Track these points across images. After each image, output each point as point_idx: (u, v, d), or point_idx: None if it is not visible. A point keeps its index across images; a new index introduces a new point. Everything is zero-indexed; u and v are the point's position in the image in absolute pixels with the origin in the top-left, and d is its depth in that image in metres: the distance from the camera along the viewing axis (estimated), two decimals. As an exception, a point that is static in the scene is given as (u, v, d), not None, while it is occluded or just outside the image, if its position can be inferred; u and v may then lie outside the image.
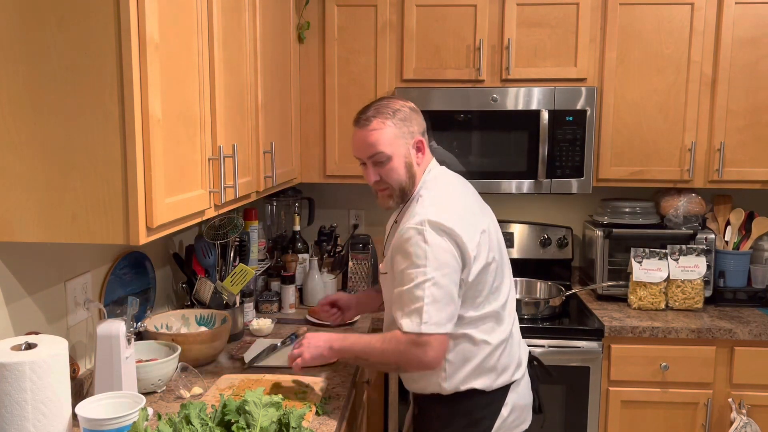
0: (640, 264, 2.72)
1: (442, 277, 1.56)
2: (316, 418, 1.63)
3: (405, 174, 1.71)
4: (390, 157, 1.68)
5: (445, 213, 1.61)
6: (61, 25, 1.24)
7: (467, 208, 1.70)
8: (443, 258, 1.57)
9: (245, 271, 2.24)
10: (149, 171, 1.30)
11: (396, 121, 1.68)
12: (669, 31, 2.67)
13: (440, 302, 1.56)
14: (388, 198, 1.75)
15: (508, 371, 1.74)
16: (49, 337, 1.29)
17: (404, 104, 1.73)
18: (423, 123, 1.76)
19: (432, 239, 1.56)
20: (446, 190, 1.72)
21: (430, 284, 1.55)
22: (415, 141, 1.71)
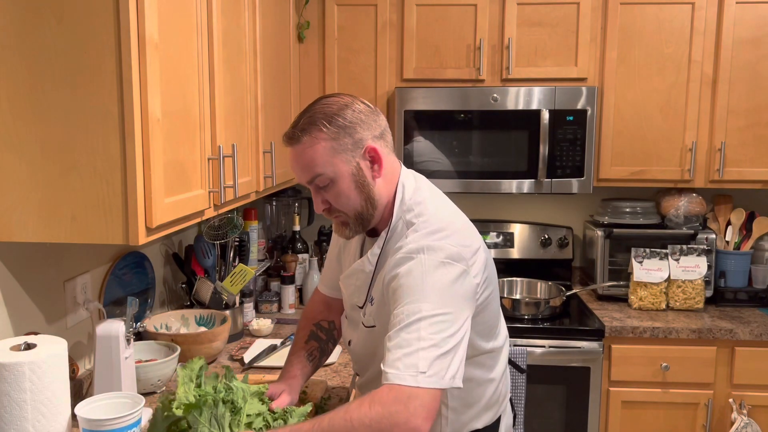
0: (641, 264, 2.71)
1: (445, 319, 1.21)
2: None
3: (358, 196, 1.33)
4: (332, 178, 1.31)
5: (446, 236, 1.29)
6: (60, 25, 1.24)
7: (468, 232, 1.38)
8: (447, 293, 1.24)
9: (245, 271, 2.24)
10: (149, 171, 1.30)
11: (333, 132, 1.29)
12: (670, 31, 2.67)
13: (441, 348, 1.19)
14: (343, 227, 1.39)
15: (506, 399, 1.57)
16: (49, 338, 1.29)
17: (347, 104, 1.33)
18: (380, 123, 1.37)
19: (434, 269, 1.24)
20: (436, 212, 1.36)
21: (428, 324, 1.19)
22: (365, 150, 1.32)
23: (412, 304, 1.22)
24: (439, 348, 1.19)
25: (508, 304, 2.63)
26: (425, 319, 1.20)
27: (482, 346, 1.42)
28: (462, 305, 1.25)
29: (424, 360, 1.17)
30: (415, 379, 1.16)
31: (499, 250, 3.05)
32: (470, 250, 1.31)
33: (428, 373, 1.16)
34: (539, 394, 2.51)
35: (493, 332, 1.45)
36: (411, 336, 1.19)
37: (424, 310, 1.21)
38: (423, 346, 1.18)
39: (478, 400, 1.45)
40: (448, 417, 1.43)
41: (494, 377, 1.48)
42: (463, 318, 1.25)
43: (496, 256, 3.03)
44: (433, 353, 1.18)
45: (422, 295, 1.22)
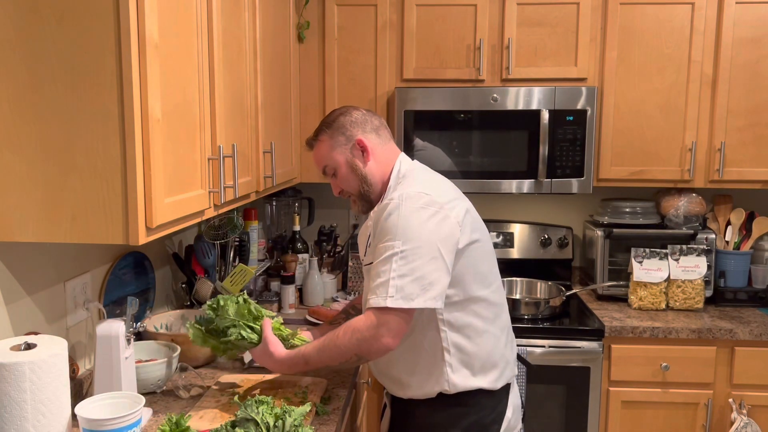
0: (641, 264, 2.71)
1: (413, 251, 1.47)
2: (316, 418, 1.63)
3: (356, 179, 1.70)
4: (335, 168, 1.70)
5: (422, 187, 1.57)
6: (60, 25, 1.24)
7: (447, 189, 1.65)
8: (417, 230, 1.49)
9: (245, 271, 2.24)
10: (149, 171, 1.30)
11: (331, 133, 1.70)
12: (669, 31, 2.67)
13: (409, 276, 1.46)
14: (354, 204, 1.75)
15: (510, 365, 1.70)
16: (49, 338, 1.29)
17: (342, 113, 1.72)
18: (372, 122, 1.72)
19: (407, 212, 1.51)
20: (423, 176, 1.67)
21: (398, 257, 1.47)
22: (355, 143, 1.69)
23: (389, 242, 1.50)
24: (407, 277, 1.46)
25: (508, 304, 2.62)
26: (398, 254, 1.48)
27: (473, 291, 1.61)
28: (434, 240, 1.50)
29: (393, 287, 1.46)
30: (385, 301, 1.46)
31: (499, 250, 3.05)
32: (447, 198, 1.57)
33: (396, 296, 1.46)
34: (539, 394, 2.51)
35: (485, 280, 1.64)
36: (385, 268, 1.48)
37: (397, 246, 1.48)
38: (393, 276, 1.47)
39: (478, 351, 1.61)
40: (452, 364, 1.60)
41: (493, 331, 1.64)
42: (435, 250, 1.50)
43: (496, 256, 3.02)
44: (402, 281, 1.46)
45: (397, 233, 1.49)
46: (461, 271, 1.57)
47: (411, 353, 1.63)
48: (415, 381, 1.64)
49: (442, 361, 1.60)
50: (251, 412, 1.40)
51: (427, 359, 1.61)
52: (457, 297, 1.59)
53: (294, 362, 1.61)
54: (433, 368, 1.61)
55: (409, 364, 1.64)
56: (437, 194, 1.56)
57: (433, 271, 1.48)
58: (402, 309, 1.47)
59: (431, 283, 1.48)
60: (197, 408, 1.63)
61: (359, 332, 1.50)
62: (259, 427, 1.37)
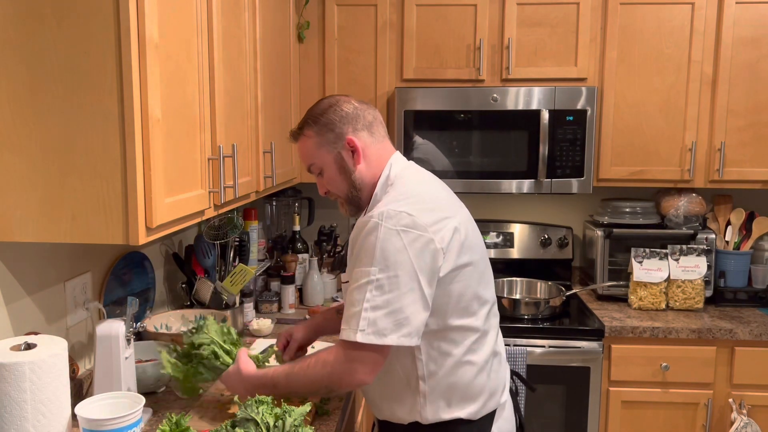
0: (641, 264, 2.71)
1: (389, 280, 1.33)
2: (316, 418, 1.63)
3: (344, 182, 1.53)
4: (321, 167, 1.54)
5: (408, 205, 1.39)
6: (60, 25, 1.24)
7: (436, 201, 1.47)
8: (395, 257, 1.34)
9: (245, 271, 2.24)
10: (149, 171, 1.30)
11: (318, 129, 1.52)
12: (669, 31, 2.67)
13: (383, 309, 1.33)
14: (342, 207, 1.60)
15: (495, 395, 1.53)
16: (49, 338, 1.29)
17: (332, 105, 1.53)
18: (365, 117, 1.53)
19: (385, 235, 1.34)
20: (411, 185, 1.49)
21: (372, 287, 1.34)
22: (345, 142, 1.51)
23: (365, 267, 1.36)
24: (381, 309, 1.33)
25: (508, 304, 2.63)
26: (373, 282, 1.34)
27: (454, 320, 1.44)
28: (413, 269, 1.35)
29: (365, 320, 1.34)
30: (356, 335, 1.34)
31: (499, 250, 3.05)
32: (431, 217, 1.39)
33: (367, 331, 1.33)
34: (539, 394, 2.51)
35: (469, 308, 1.46)
36: (359, 297, 1.35)
37: (373, 273, 1.34)
38: (366, 307, 1.34)
39: (456, 381, 1.46)
40: (426, 395, 1.46)
41: (475, 361, 1.48)
42: (414, 280, 1.35)
43: (496, 256, 3.04)
44: (376, 314, 1.33)
45: (374, 259, 1.35)
46: (443, 300, 1.42)
47: (385, 378, 1.50)
48: (388, 407, 1.53)
49: (417, 391, 1.47)
50: (251, 412, 1.40)
51: (401, 387, 1.49)
52: (435, 325, 1.44)
53: (261, 382, 1.50)
54: (406, 397, 1.49)
55: (382, 389, 1.52)
56: (422, 213, 1.39)
57: (409, 305, 1.34)
58: (374, 344, 1.34)
59: (407, 317, 1.34)
60: (197, 408, 1.63)
61: (330, 365, 1.40)
62: (259, 427, 1.37)
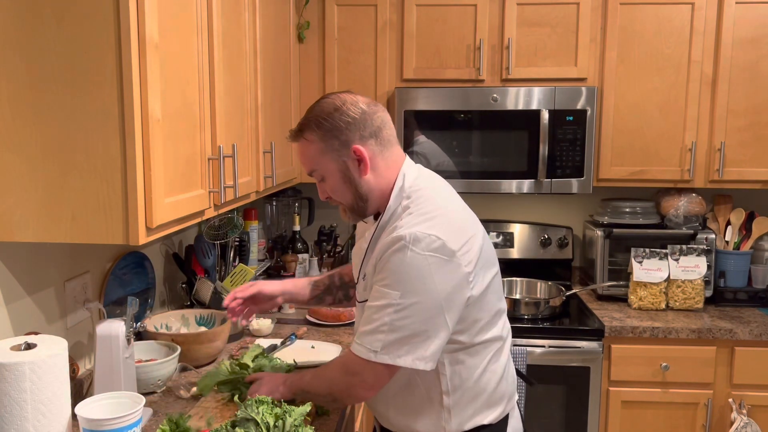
0: (641, 264, 2.71)
1: (411, 306, 1.31)
2: (316, 418, 1.63)
3: (348, 191, 1.44)
4: (323, 175, 1.44)
5: (436, 227, 1.34)
6: (60, 25, 1.24)
7: (462, 219, 1.43)
8: (420, 285, 1.31)
9: (245, 271, 2.24)
10: (149, 171, 1.30)
11: (322, 134, 1.40)
12: (669, 31, 2.67)
13: (400, 333, 1.32)
14: (344, 213, 1.51)
15: (513, 397, 1.55)
16: (49, 337, 1.29)
17: (338, 107, 1.41)
18: (373, 121, 1.42)
19: (412, 260, 1.30)
20: (435, 201, 1.43)
21: (392, 310, 1.31)
22: (351, 152, 1.40)
23: (387, 288, 1.33)
24: (398, 332, 1.32)
25: (508, 304, 2.62)
26: (393, 305, 1.32)
27: (482, 335, 1.44)
28: (439, 296, 1.32)
29: (380, 342, 1.33)
30: (368, 354, 1.34)
31: (499, 250, 3.05)
32: (460, 239, 1.36)
33: (380, 352, 1.33)
34: (539, 394, 2.51)
35: (494, 319, 1.47)
36: (377, 316, 1.34)
37: (394, 297, 1.32)
38: (383, 330, 1.33)
39: (481, 392, 1.45)
40: (451, 409, 1.44)
41: (495, 369, 1.47)
42: (438, 307, 1.33)
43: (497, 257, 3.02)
44: (390, 337, 1.32)
45: (399, 282, 1.32)
46: (474, 317, 1.41)
47: (404, 392, 1.47)
48: (406, 422, 1.49)
49: (441, 406, 1.45)
50: (251, 412, 1.40)
51: (422, 401, 1.46)
52: (463, 344, 1.42)
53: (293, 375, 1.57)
54: (428, 412, 1.46)
55: (400, 403, 1.49)
56: (451, 236, 1.34)
57: (428, 330, 1.33)
58: (383, 364, 1.34)
59: (424, 341, 1.33)
60: (197, 408, 1.64)
61: (338, 372, 1.44)
62: (259, 427, 1.37)
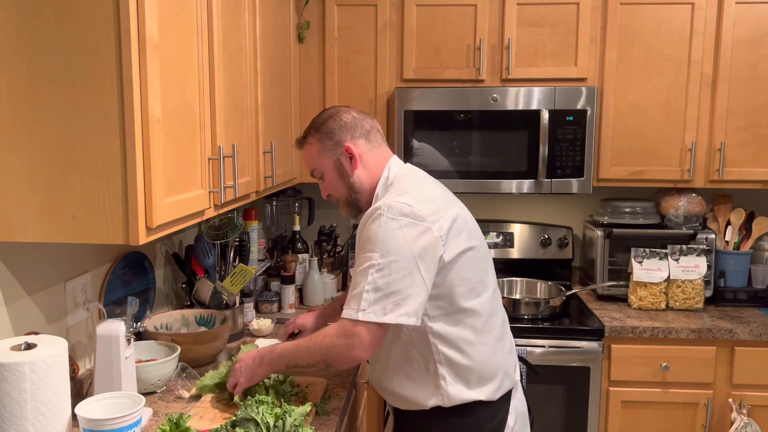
0: (641, 264, 2.71)
1: (389, 264, 1.43)
2: (316, 418, 1.63)
3: (343, 186, 1.66)
4: (322, 173, 1.67)
5: (408, 198, 1.50)
6: (60, 25, 1.24)
7: (434, 196, 1.58)
8: (395, 244, 1.44)
9: (245, 271, 2.24)
10: (149, 171, 1.30)
11: (319, 136, 1.65)
12: (669, 31, 2.67)
13: (383, 290, 1.43)
14: (343, 209, 1.72)
15: (510, 374, 1.64)
16: (49, 337, 1.29)
17: (332, 115, 1.67)
18: (363, 125, 1.66)
19: (386, 223, 1.45)
20: (410, 183, 1.60)
21: (374, 270, 1.43)
22: (343, 149, 1.64)
23: (368, 252, 1.46)
24: (381, 291, 1.43)
25: (508, 304, 2.63)
26: (375, 266, 1.44)
27: (462, 302, 1.55)
28: (412, 254, 1.45)
29: (366, 300, 1.43)
30: (356, 315, 1.44)
31: (499, 250, 3.05)
32: (429, 208, 1.50)
33: (368, 310, 1.43)
34: (539, 394, 2.51)
35: (475, 290, 1.57)
36: (360, 279, 1.46)
37: (374, 258, 1.44)
38: (368, 289, 1.44)
39: (472, 364, 1.55)
40: (446, 378, 1.55)
41: (488, 342, 1.58)
42: (413, 265, 1.45)
43: (496, 256, 3.03)
44: (376, 295, 1.43)
45: (376, 245, 1.45)
46: (450, 283, 1.53)
47: (404, 365, 1.59)
48: (410, 393, 1.60)
49: (436, 374, 1.55)
50: (251, 412, 1.40)
51: (420, 372, 1.57)
52: (445, 309, 1.54)
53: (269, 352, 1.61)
54: (426, 381, 1.57)
55: (402, 376, 1.60)
56: (421, 205, 1.49)
57: (409, 287, 1.44)
58: (373, 323, 1.44)
59: (405, 298, 1.44)
60: (197, 408, 1.64)
61: (329, 338, 1.49)
62: (259, 427, 1.38)
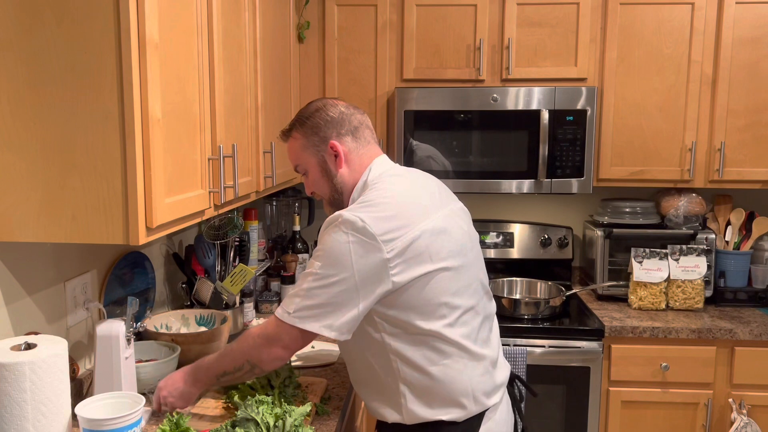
0: (641, 264, 2.71)
1: (327, 276, 1.40)
2: (316, 418, 1.63)
3: (326, 184, 1.59)
4: (306, 168, 1.60)
5: (366, 212, 1.42)
6: (60, 25, 1.24)
7: (402, 209, 1.45)
8: (340, 259, 1.39)
9: (245, 271, 2.24)
10: (149, 171, 1.30)
11: (305, 131, 1.58)
12: (669, 31, 2.67)
13: (314, 299, 1.40)
14: (326, 206, 1.65)
15: (480, 400, 1.50)
16: (49, 337, 1.29)
17: (318, 109, 1.58)
18: (350, 122, 1.58)
19: (337, 235, 1.40)
20: (382, 192, 1.49)
21: (312, 279, 1.41)
22: (328, 147, 1.56)
23: (314, 259, 1.44)
24: (313, 299, 1.41)
25: (508, 304, 2.63)
26: (313, 274, 1.42)
27: (421, 325, 1.44)
28: (353, 272, 1.39)
29: (294, 305, 1.42)
30: (282, 315, 1.43)
31: (499, 250, 3.05)
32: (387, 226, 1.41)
33: (293, 314, 1.42)
34: (539, 394, 2.51)
35: (436, 312, 1.45)
36: (299, 282, 1.45)
37: (316, 266, 1.42)
38: (300, 294, 1.43)
39: (433, 386, 1.47)
40: (407, 396, 1.48)
41: (454, 365, 1.47)
42: (351, 284, 1.40)
43: (496, 256, 3.04)
44: (305, 302, 1.41)
45: (323, 254, 1.42)
46: (406, 305, 1.44)
47: (369, 377, 1.54)
48: (374, 405, 1.56)
49: (397, 390, 1.49)
50: (251, 412, 1.40)
51: (383, 387, 1.51)
52: (404, 329, 1.45)
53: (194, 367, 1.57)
54: (388, 395, 1.51)
55: (369, 387, 1.56)
56: (377, 222, 1.40)
57: (340, 303, 1.40)
58: (296, 327, 1.42)
59: (333, 312, 1.40)
60: (197, 408, 1.63)
61: (252, 338, 1.48)
62: (259, 427, 1.38)
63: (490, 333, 1.59)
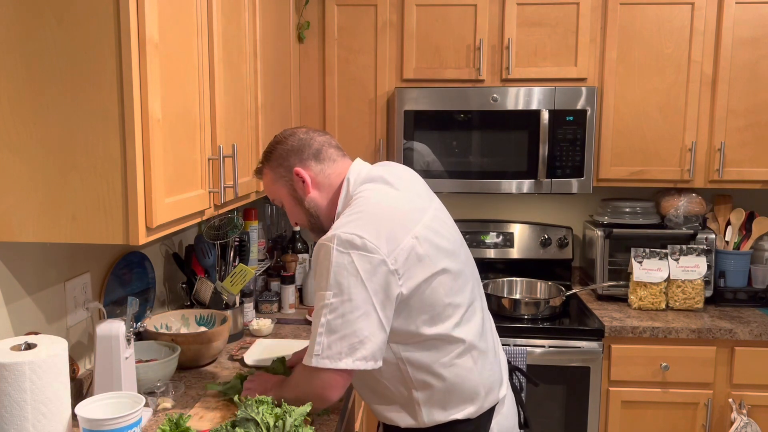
0: (641, 264, 2.71)
1: (342, 304, 1.34)
2: (317, 418, 1.63)
3: (300, 211, 1.59)
4: (281, 201, 1.62)
5: (359, 226, 1.38)
6: (61, 25, 1.24)
7: (392, 217, 1.44)
8: (347, 282, 1.34)
9: (245, 271, 2.24)
10: (149, 171, 1.30)
11: (271, 165, 1.59)
12: (669, 31, 2.67)
13: (338, 332, 1.35)
14: (310, 233, 1.65)
15: (491, 393, 1.54)
16: (49, 337, 1.29)
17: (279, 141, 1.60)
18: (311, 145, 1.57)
19: (337, 257, 1.35)
20: (366, 202, 1.47)
21: (327, 311, 1.35)
22: (293, 174, 1.56)
23: (321, 291, 1.38)
24: (335, 333, 1.35)
25: (508, 304, 2.63)
26: (327, 306, 1.36)
27: (428, 331, 1.44)
28: (366, 292, 1.35)
29: (320, 345, 1.36)
30: (309, 360, 1.38)
31: (499, 250, 3.05)
32: (384, 236, 1.38)
33: (321, 356, 1.36)
34: (539, 394, 2.51)
35: (441, 315, 1.45)
36: (317, 321, 1.38)
37: (327, 297, 1.36)
38: (321, 332, 1.36)
39: (447, 387, 1.47)
40: (421, 402, 1.49)
41: (463, 364, 1.48)
42: (368, 304, 1.35)
43: (496, 256, 3.04)
44: (330, 338, 1.36)
45: (329, 283, 1.36)
46: (411, 314, 1.43)
47: (379, 389, 1.53)
48: (389, 414, 1.55)
49: (411, 398, 1.49)
50: (251, 412, 1.40)
51: (396, 396, 1.51)
52: (411, 339, 1.45)
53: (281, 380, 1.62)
54: (402, 404, 1.51)
55: (381, 398, 1.55)
56: (374, 234, 1.37)
57: (364, 328, 1.35)
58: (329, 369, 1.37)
59: (361, 341, 1.35)
60: (197, 408, 1.64)
61: (299, 388, 1.46)
62: (259, 427, 1.38)
63: (488, 322, 1.62)
